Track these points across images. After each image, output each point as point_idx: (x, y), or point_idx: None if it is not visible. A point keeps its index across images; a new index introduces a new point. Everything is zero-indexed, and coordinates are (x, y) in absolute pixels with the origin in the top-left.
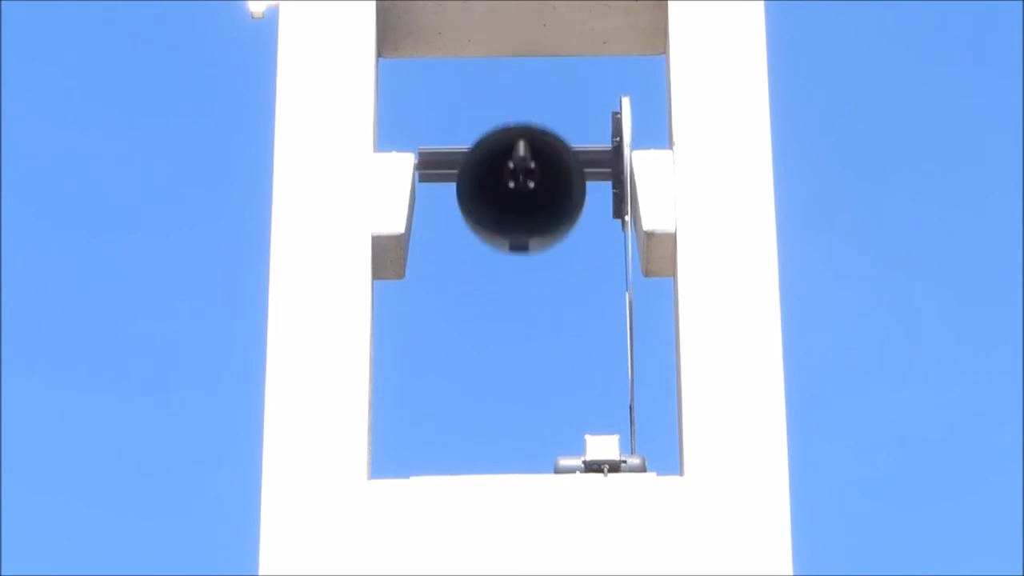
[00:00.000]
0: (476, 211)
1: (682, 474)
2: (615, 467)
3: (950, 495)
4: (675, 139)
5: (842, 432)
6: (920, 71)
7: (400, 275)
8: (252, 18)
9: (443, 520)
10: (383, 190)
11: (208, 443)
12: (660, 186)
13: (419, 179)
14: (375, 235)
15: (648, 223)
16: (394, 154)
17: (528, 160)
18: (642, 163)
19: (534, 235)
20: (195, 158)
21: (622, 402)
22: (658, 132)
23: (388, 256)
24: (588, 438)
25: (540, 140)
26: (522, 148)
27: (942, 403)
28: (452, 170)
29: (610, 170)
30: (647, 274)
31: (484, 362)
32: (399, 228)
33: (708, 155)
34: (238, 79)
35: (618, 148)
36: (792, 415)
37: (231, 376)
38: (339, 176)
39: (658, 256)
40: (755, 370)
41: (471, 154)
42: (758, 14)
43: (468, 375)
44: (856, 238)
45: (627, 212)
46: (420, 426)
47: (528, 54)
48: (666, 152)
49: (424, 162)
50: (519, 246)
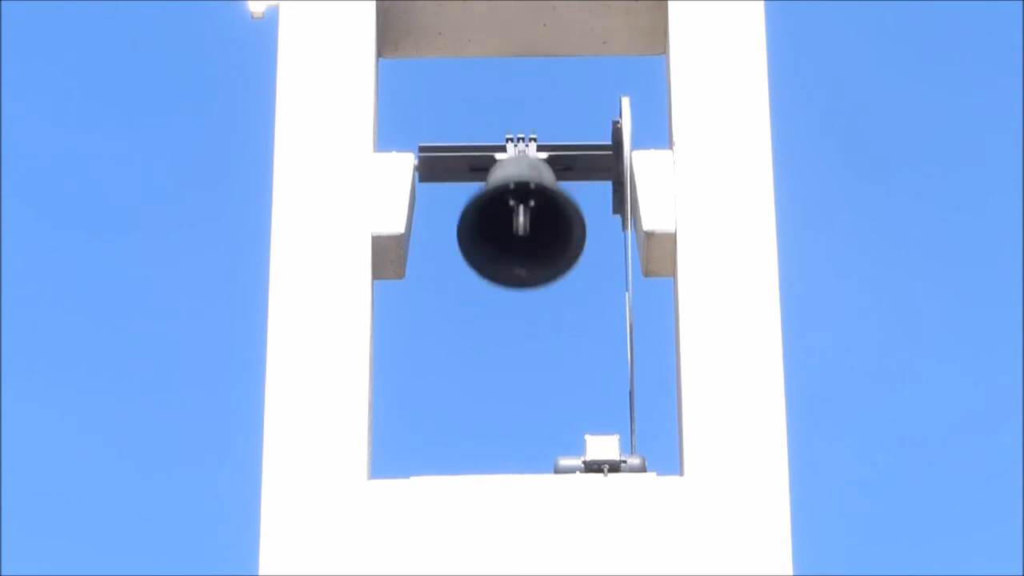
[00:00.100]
0: (476, 252)
1: (682, 474)
2: (615, 467)
3: (950, 495)
4: (675, 139)
5: (842, 432)
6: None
7: (400, 275)
8: (252, 18)
9: (443, 520)
10: (383, 190)
11: (208, 443)
12: (660, 186)
13: (419, 179)
14: (375, 235)
15: (648, 223)
16: (394, 154)
17: (527, 225)
18: (642, 163)
19: (534, 272)
20: (195, 158)
21: (622, 402)
22: (658, 132)
23: (388, 256)
24: (588, 438)
25: (540, 194)
26: (521, 214)
27: (942, 403)
28: (452, 168)
29: (610, 171)
30: (647, 274)
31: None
32: (399, 228)
33: (708, 155)
34: (238, 79)
35: (618, 149)
36: (792, 415)
37: (231, 376)
38: (339, 176)
39: (658, 256)
40: (755, 370)
41: (471, 205)
42: (758, 14)
43: (468, 375)
44: (856, 238)
45: (627, 212)
46: (420, 426)
47: (528, 54)
48: (666, 152)
49: (424, 161)
50: (518, 283)
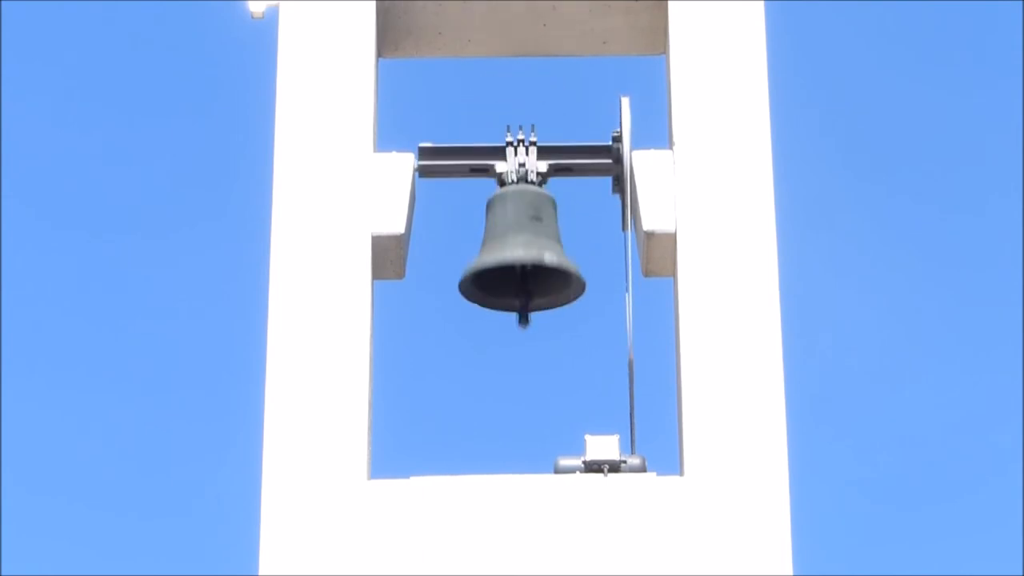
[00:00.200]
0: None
1: (682, 474)
2: (615, 467)
3: (950, 495)
4: (675, 139)
5: (842, 432)
6: (920, 71)
7: (400, 275)
8: (252, 18)
9: (443, 520)
10: (383, 190)
11: (208, 443)
12: (660, 186)
13: (419, 173)
14: (375, 235)
15: (648, 223)
16: (394, 154)
17: (527, 313)
18: (642, 163)
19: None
20: (195, 158)
21: (622, 402)
22: (658, 132)
23: (388, 256)
24: (588, 438)
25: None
26: (520, 309)
27: (942, 403)
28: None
29: (610, 168)
30: (647, 274)
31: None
32: (399, 228)
33: (708, 155)
34: (238, 79)
35: (618, 149)
36: (792, 415)
37: (231, 376)
38: (339, 176)
39: (658, 256)
40: (755, 370)
41: (469, 274)
42: (758, 14)
43: (468, 375)
44: (856, 238)
45: (627, 212)
46: (420, 426)
47: (528, 54)
48: (666, 152)
49: (424, 160)
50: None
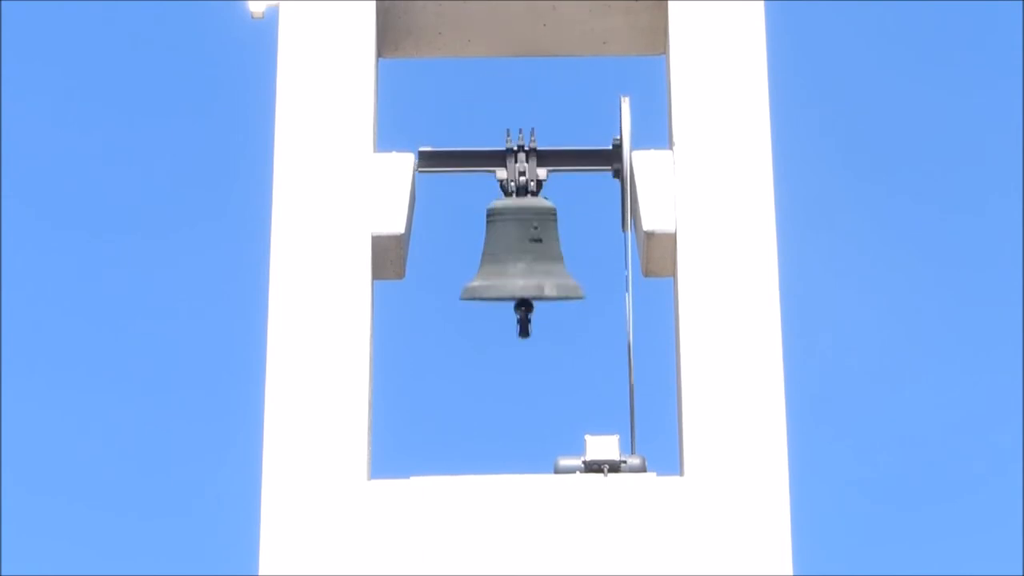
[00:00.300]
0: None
1: (682, 474)
2: (615, 467)
3: (950, 495)
4: (675, 139)
5: (842, 432)
6: (920, 71)
7: (400, 275)
8: (252, 18)
9: (443, 520)
10: (383, 190)
11: (208, 443)
12: (660, 186)
13: (418, 163)
14: (375, 235)
15: (648, 223)
16: (394, 154)
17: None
18: (642, 163)
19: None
20: (195, 158)
21: (622, 402)
22: (658, 132)
23: (388, 256)
24: (588, 438)
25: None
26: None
27: (942, 403)
28: (452, 170)
29: (611, 169)
30: (647, 274)
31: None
32: (399, 228)
33: (708, 155)
34: (238, 79)
35: (618, 155)
36: (792, 415)
37: (231, 376)
38: (339, 176)
39: (658, 256)
40: (755, 370)
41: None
42: (758, 14)
43: (468, 375)
44: (856, 238)
45: (627, 212)
46: (420, 426)
47: (528, 54)
48: (666, 152)
49: (423, 164)
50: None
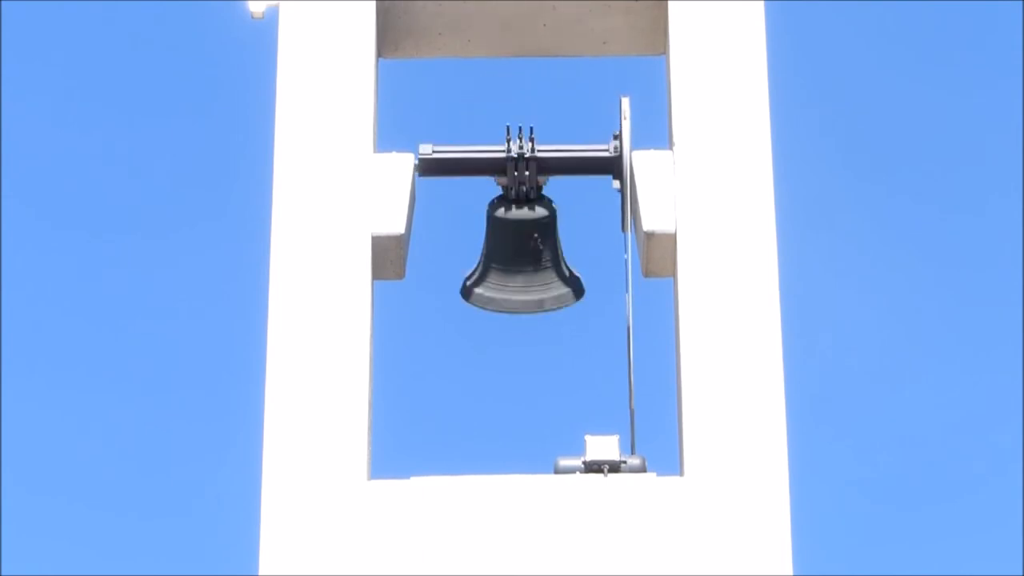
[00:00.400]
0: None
1: (682, 474)
2: (615, 467)
3: (950, 495)
4: (675, 139)
5: (842, 432)
6: (920, 71)
7: (400, 275)
8: (252, 18)
9: (443, 520)
10: (383, 190)
11: (208, 443)
12: (660, 186)
13: (418, 174)
14: (375, 235)
15: (648, 223)
16: (394, 154)
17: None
18: (642, 163)
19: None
20: (195, 158)
21: (622, 402)
22: (658, 132)
23: (388, 256)
24: (588, 438)
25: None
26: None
27: (942, 403)
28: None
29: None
30: (647, 274)
31: (484, 362)
32: (399, 228)
33: (708, 155)
34: (238, 79)
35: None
36: (792, 415)
37: (231, 376)
38: (339, 176)
39: (658, 256)
40: (755, 370)
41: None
42: (758, 14)
43: (468, 375)
44: (856, 238)
45: (627, 212)
46: (420, 426)
47: (528, 54)
48: (666, 152)
49: (422, 173)
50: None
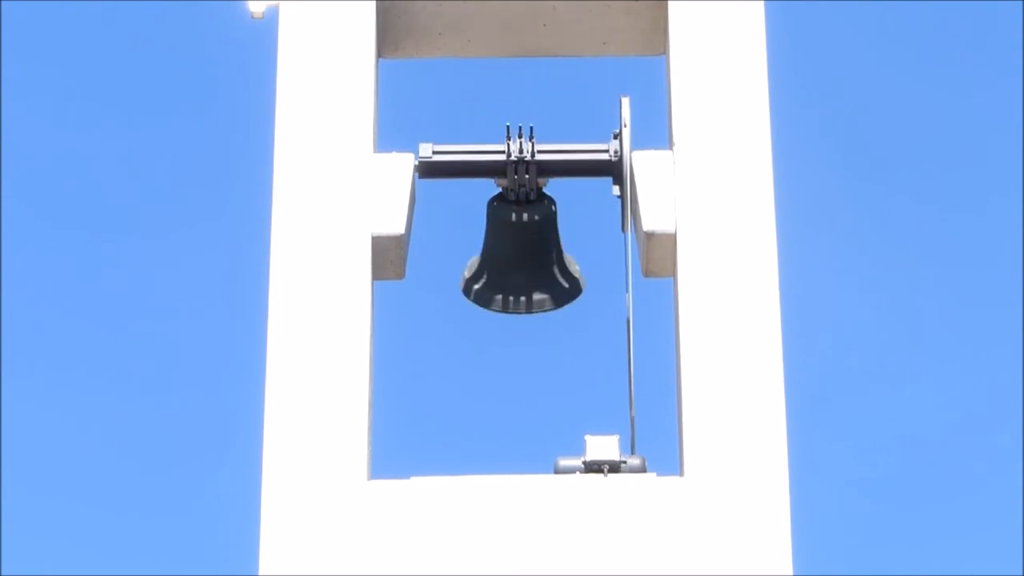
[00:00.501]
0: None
1: (682, 474)
2: (615, 467)
3: (950, 495)
4: (675, 139)
5: (842, 432)
6: (920, 71)
7: (400, 275)
8: (252, 18)
9: (443, 520)
10: (383, 190)
11: (208, 443)
12: (660, 186)
13: (418, 175)
14: (375, 235)
15: (648, 223)
16: (394, 154)
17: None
18: (642, 163)
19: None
20: (195, 158)
21: (622, 402)
22: (658, 132)
23: (388, 256)
24: (588, 438)
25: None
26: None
27: (942, 403)
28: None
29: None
30: (647, 274)
31: (484, 362)
32: (399, 228)
33: (708, 155)
34: (238, 79)
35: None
36: (792, 415)
37: (231, 376)
38: (339, 176)
39: (658, 256)
40: (755, 370)
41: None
42: (758, 14)
43: (468, 375)
44: (856, 238)
45: (627, 212)
46: (420, 426)
47: (528, 54)
48: (666, 152)
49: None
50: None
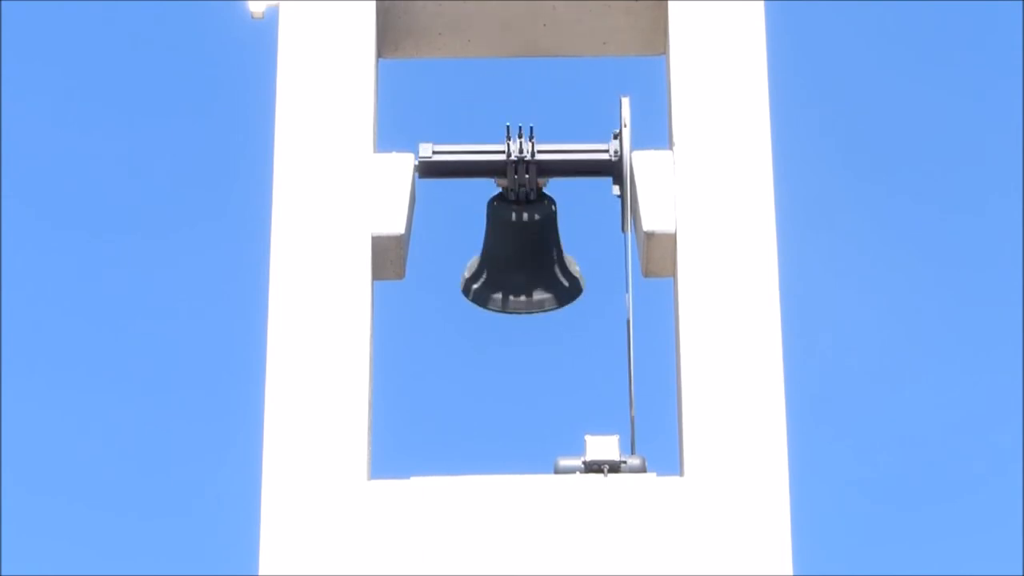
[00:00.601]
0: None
1: (682, 474)
2: (615, 467)
3: (950, 495)
4: (675, 139)
5: (842, 432)
6: (920, 71)
7: (400, 275)
8: (252, 18)
9: (443, 520)
10: (383, 190)
11: (208, 443)
12: (660, 186)
13: (418, 175)
14: (375, 235)
15: (648, 223)
16: (394, 154)
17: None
18: (642, 163)
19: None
20: (195, 158)
21: (622, 402)
22: (658, 132)
23: (388, 256)
24: (588, 438)
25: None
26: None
27: (942, 403)
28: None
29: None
30: (647, 274)
31: (484, 362)
32: (399, 228)
33: (708, 155)
34: (238, 79)
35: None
36: (792, 415)
37: (231, 376)
38: (339, 176)
39: (658, 256)
40: (755, 370)
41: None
42: (758, 14)
43: (468, 375)
44: (856, 238)
45: (627, 212)
46: (420, 426)
47: (528, 54)
48: (666, 152)
49: (422, 176)
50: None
